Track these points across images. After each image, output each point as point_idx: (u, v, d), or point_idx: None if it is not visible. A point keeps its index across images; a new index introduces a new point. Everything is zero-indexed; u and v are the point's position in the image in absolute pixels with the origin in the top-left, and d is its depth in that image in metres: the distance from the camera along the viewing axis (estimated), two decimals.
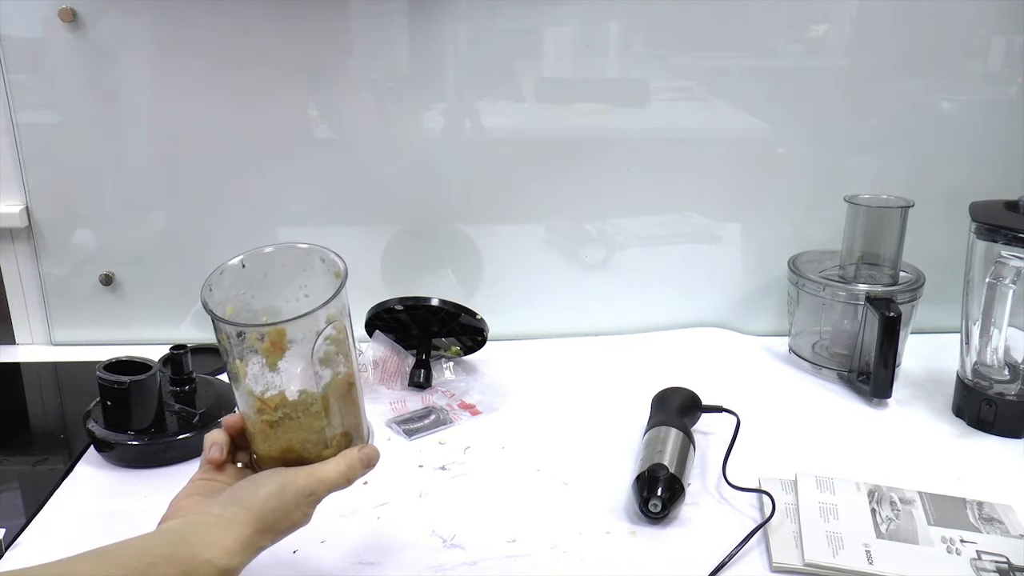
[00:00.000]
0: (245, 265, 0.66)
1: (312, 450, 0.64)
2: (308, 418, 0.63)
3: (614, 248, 1.25)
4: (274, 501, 0.60)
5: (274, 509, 0.60)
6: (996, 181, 1.14)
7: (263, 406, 0.63)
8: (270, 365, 0.62)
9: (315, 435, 0.64)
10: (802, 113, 1.19)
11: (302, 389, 0.63)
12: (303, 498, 0.61)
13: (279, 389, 0.63)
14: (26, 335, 1.23)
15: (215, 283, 0.63)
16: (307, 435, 0.63)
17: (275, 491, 0.60)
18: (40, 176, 1.15)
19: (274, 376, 0.62)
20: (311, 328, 0.61)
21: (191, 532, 0.58)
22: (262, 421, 0.63)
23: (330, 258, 0.65)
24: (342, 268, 0.64)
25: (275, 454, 0.64)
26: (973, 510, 0.84)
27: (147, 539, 0.57)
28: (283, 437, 0.63)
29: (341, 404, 0.65)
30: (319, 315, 0.61)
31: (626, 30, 1.16)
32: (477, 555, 0.78)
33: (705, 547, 0.79)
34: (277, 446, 0.63)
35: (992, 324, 0.99)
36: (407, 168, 1.18)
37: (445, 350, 1.15)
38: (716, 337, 1.26)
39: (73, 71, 1.11)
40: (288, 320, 0.61)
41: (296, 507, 0.61)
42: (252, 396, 0.63)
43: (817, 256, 1.19)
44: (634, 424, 0.97)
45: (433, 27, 1.12)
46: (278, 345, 0.61)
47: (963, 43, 1.18)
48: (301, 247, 0.67)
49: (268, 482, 0.61)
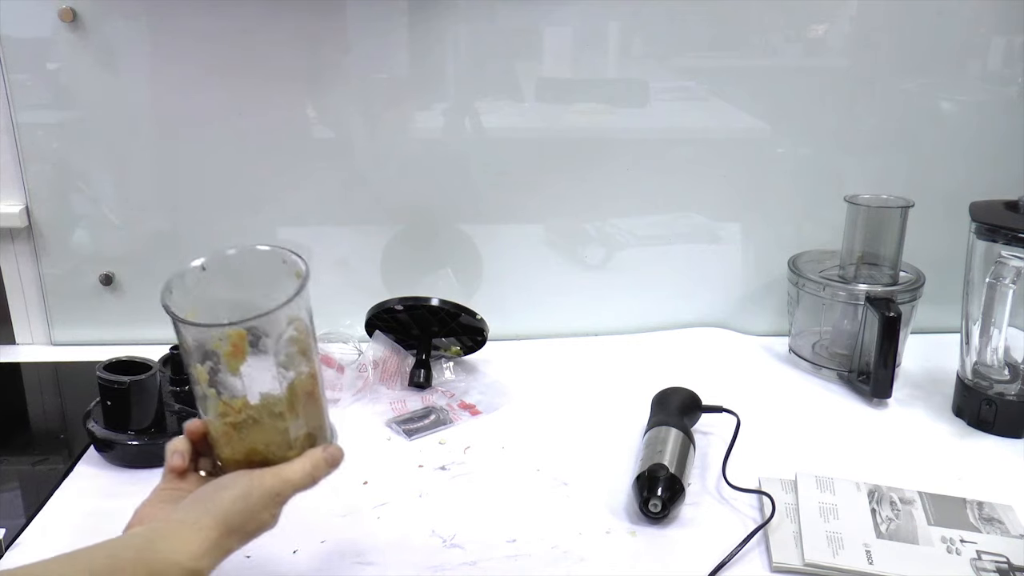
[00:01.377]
0: (206, 268, 0.65)
1: (277, 452, 0.63)
2: (272, 420, 0.63)
3: (614, 248, 1.25)
4: (240, 504, 0.60)
5: (240, 511, 0.60)
6: (996, 181, 1.14)
7: (226, 409, 0.62)
8: (232, 369, 0.61)
9: (279, 436, 0.63)
10: (802, 113, 1.19)
11: (265, 392, 0.62)
12: (269, 499, 0.61)
13: (242, 392, 0.62)
14: (26, 335, 1.23)
15: (175, 285, 0.63)
16: (271, 437, 0.63)
17: (241, 493, 0.60)
18: (40, 176, 1.15)
19: (236, 380, 0.62)
20: (272, 329, 0.61)
21: (157, 536, 0.58)
22: (225, 424, 0.63)
23: (291, 259, 0.65)
24: (303, 268, 0.64)
25: (239, 457, 0.63)
26: (973, 510, 0.84)
27: (115, 543, 0.57)
28: (247, 440, 0.63)
29: (304, 405, 0.64)
30: (279, 315, 0.61)
31: (626, 30, 1.16)
32: (477, 555, 0.78)
33: (705, 547, 0.79)
34: (241, 449, 0.63)
35: (992, 324, 0.99)
36: (407, 168, 1.18)
37: (445, 350, 1.15)
38: (716, 337, 1.26)
39: (73, 71, 1.11)
40: (248, 320, 0.60)
41: (262, 508, 0.61)
42: (215, 400, 0.62)
43: (817, 256, 1.19)
44: (634, 424, 0.97)
45: (433, 27, 1.12)
46: (239, 348, 0.61)
47: (963, 43, 1.18)
48: (263, 249, 0.66)
49: (233, 484, 0.61)
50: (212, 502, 0.60)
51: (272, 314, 0.60)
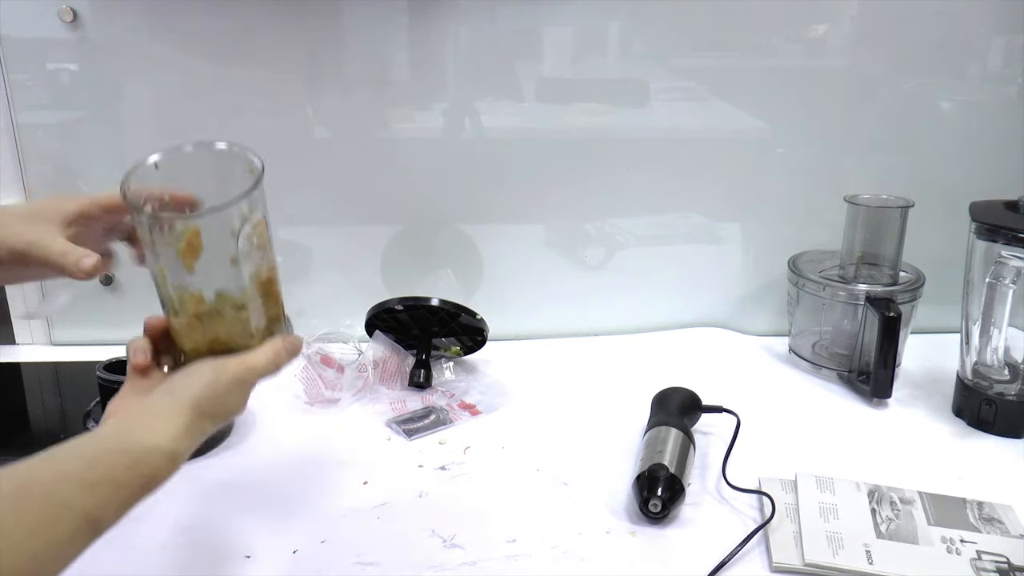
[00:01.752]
0: (158, 167, 0.65)
1: (239, 341, 0.65)
2: (233, 310, 0.64)
3: (614, 248, 1.25)
4: (209, 389, 0.62)
5: (210, 397, 0.62)
6: (996, 181, 1.13)
7: (188, 298, 0.64)
8: (187, 267, 0.62)
9: (240, 326, 0.65)
10: (802, 113, 1.19)
11: (221, 286, 0.64)
12: (235, 385, 0.63)
13: (198, 288, 0.64)
14: (26, 335, 1.23)
15: (134, 179, 0.63)
16: (232, 327, 0.65)
17: (209, 380, 0.62)
18: (40, 176, 1.15)
19: (193, 277, 0.63)
20: (226, 224, 0.62)
21: (132, 426, 0.60)
22: (189, 316, 0.64)
23: (247, 157, 0.66)
24: (258, 165, 0.65)
25: (203, 348, 0.65)
26: (973, 510, 0.84)
27: (92, 436, 0.58)
28: (210, 330, 0.65)
29: (264, 297, 0.66)
30: (232, 211, 0.62)
31: (626, 30, 1.16)
32: (477, 555, 0.78)
33: (705, 547, 0.79)
34: (205, 340, 0.65)
35: (992, 324, 0.99)
36: (407, 168, 1.18)
37: (445, 350, 1.15)
38: (716, 337, 1.26)
39: (73, 71, 1.11)
40: (202, 214, 0.62)
41: (229, 393, 0.63)
42: (177, 292, 0.64)
43: (817, 256, 1.19)
44: (634, 424, 0.97)
45: (433, 27, 1.12)
46: (193, 245, 0.62)
47: (963, 43, 1.18)
48: (220, 147, 0.67)
49: (200, 371, 0.63)
50: (182, 389, 0.62)
51: (226, 209, 0.61)
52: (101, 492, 0.54)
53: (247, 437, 0.98)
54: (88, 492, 0.54)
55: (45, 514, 0.51)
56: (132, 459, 0.56)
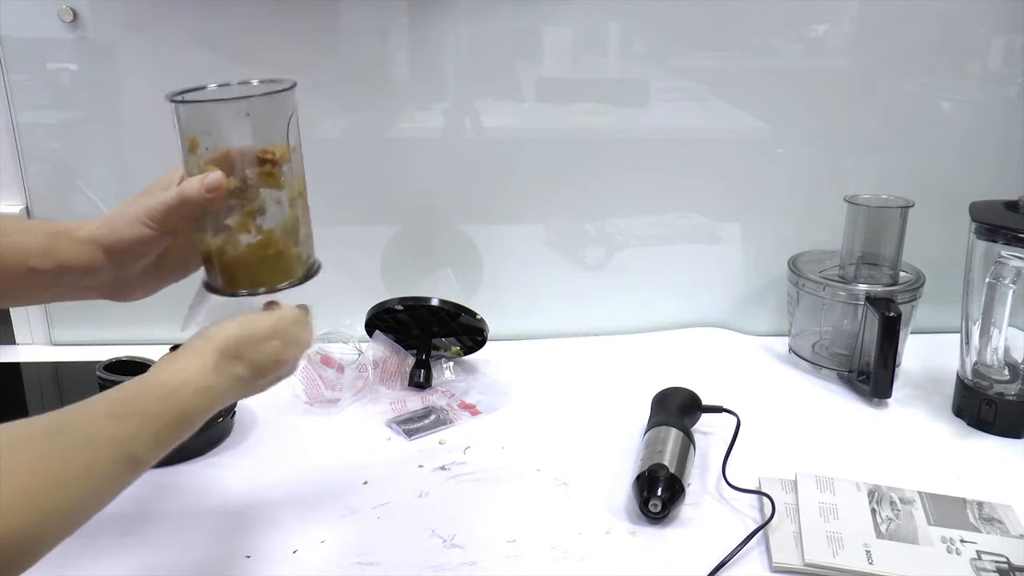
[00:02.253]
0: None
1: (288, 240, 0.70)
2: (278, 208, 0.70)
3: (614, 248, 1.25)
4: (236, 328, 0.64)
5: (240, 337, 0.64)
6: (996, 181, 1.13)
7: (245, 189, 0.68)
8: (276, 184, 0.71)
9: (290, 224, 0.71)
10: (802, 113, 1.19)
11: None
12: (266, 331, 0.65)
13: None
14: (26, 335, 1.23)
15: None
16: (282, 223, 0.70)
17: (238, 320, 0.65)
18: (40, 176, 1.15)
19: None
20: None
21: (162, 366, 0.61)
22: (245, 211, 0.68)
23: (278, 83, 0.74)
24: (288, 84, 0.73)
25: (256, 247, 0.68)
26: (973, 510, 0.84)
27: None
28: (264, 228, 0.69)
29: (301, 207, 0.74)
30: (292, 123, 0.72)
31: (626, 30, 1.16)
32: (477, 555, 0.78)
33: (705, 547, 0.79)
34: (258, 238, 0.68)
35: (992, 324, 0.99)
36: (407, 168, 1.18)
37: (445, 350, 1.15)
38: (716, 337, 1.26)
39: (73, 71, 1.11)
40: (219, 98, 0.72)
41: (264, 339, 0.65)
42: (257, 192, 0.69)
43: (817, 256, 1.19)
44: (634, 424, 0.97)
45: (433, 27, 1.12)
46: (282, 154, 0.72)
47: (963, 43, 1.18)
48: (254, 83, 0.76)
49: (234, 318, 0.65)
50: (216, 331, 0.64)
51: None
52: (133, 423, 0.56)
53: (247, 437, 0.98)
54: (118, 423, 0.55)
55: (76, 445, 0.53)
56: (162, 392, 0.59)
